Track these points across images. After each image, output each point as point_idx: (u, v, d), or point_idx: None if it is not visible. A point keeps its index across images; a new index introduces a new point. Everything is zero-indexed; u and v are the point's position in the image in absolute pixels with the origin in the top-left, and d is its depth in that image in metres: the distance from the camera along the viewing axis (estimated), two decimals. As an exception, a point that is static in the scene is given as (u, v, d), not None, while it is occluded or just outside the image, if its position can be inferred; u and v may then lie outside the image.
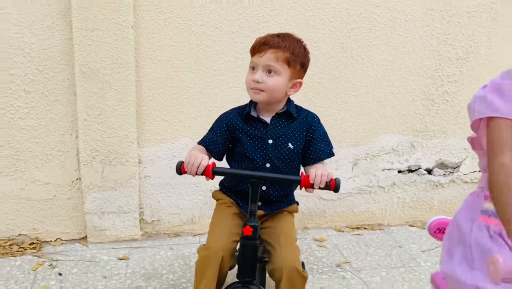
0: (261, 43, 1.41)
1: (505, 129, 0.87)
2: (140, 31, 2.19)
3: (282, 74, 1.43)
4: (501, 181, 0.81)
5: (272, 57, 1.40)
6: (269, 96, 1.44)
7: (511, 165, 0.82)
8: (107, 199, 2.33)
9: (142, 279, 2.08)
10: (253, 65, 1.43)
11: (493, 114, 0.89)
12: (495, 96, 0.89)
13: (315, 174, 1.34)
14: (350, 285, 2.11)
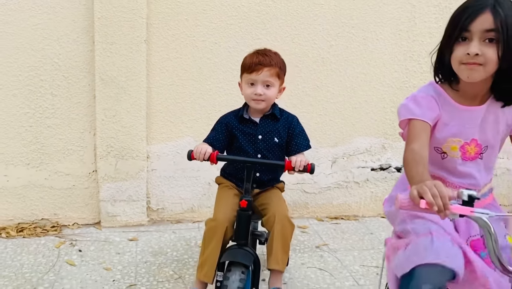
0: (256, 63, 1.78)
1: (418, 126, 1.26)
2: (151, 45, 2.58)
3: (275, 85, 1.83)
4: (409, 159, 1.20)
5: (268, 74, 1.79)
6: (267, 104, 1.84)
7: (417, 149, 1.21)
8: (119, 189, 2.70)
9: (150, 255, 2.45)
10: (252, 82, 1.81)
11: (411, 117, 1.28)
12: (413, 104, 1.29)
13: (295, 159, 1.73)
14: (327, 261, 2.50)
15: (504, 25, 1.14)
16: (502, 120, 1.31)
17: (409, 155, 1.21)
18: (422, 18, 2.96)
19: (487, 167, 1.36)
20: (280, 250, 1.78)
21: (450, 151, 1.32)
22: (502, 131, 1.33)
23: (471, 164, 1.32)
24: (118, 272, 2.26)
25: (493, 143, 1.34)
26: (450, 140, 1.31)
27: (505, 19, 1.14)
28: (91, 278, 2.19)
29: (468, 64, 1.19)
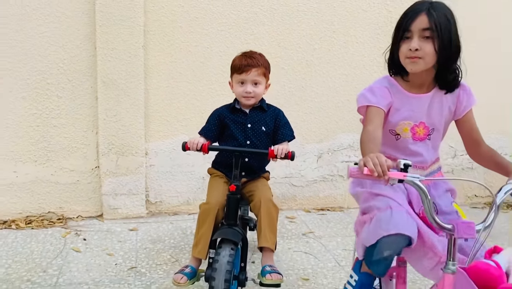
0: (245, 64, 2.01)
1: (373, 112, 1.49)
2: (148, 50, 2.82)
3: (262, 83, 2.06)
4: (364, 138, 1.43)
5: (256, 73, 2.02)
6: (256, 100, 2.07)
7: (371, 130, 1.43)
8: (120, 183, 2.91)
9: (149, 242, 2.66)
10: (242, 81, 2.04)
11: (367, 104, 1.51)
12: (369, 93, 1.52)
13: (277, 148, 1.96)
14: (312, 246, 2.72)
15: (437, 24, 1.39)
16: (445, 106, 1.55)
17: (364, 135, 1.44)
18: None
19: (434, 146, 1.59)
20: (267, 229, 1.99)
21: (402, 132, 1.55)
22: (445, 116, 1.56)
23: (421, 143, 1.55)
24: (120, 257, 2.47)
25: (438, 126, 1.57)
26: (401, 123, 1.54)
27: (438, 19, 1.39)
28: (95, 262, 2.40)
29: (411, 58, 1.43)
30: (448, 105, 1.55)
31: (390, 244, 1.39)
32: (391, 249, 1.40)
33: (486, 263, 1.02)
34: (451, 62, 1.48)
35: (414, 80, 1.54)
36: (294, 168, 3.24)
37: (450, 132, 1.69)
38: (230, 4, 2.90)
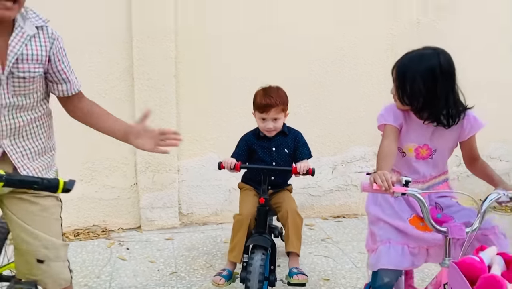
0: (265, 105, 2.30)
1: (388, 129, 1.79)
2: (179, 79, 3.16)
3: (282, 117, 2.37)
4: (379, 155, 1.74)
5: (275, 112, 2.31)
6: (277, 131, 2.38)
7: (387, 144, 1.73)
8: (156, 198, 3.25)
9: (185, 250, 2.99)
10: (264, 118, 2.34)
11: (385, 122, 1.82)
12: (386, 114, 1.81)
13: (300, 165, 2.27)
14: (331, 251, 3.03)
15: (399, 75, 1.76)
16: (448, 134, 1.80)
17: (380, 151, 1.75)
18: (401, 45, 3.49)
19: (436, 164, 1.88)
20: (294, 236, 2.31)
21: (408, 151, 1.85)
22: (448, 141, 1.82)
23: (423, 162, 1.85)
24: (161, 263, 2.80)
25: (441, 148, 1.85)
26: (407, 144, 1.84)
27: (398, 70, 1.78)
28: (140, 268, 2.73)
29: None
30: (451, 133, 1.82)
31: (387, 274, 1.74)
32: (389, 277, 1.76)
33: (472, 258, 1.31)
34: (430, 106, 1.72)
35: None
36: (312, 179, 3.54)
37: None
38: (250, 37, 3.24)
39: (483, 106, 3.42)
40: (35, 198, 1.61)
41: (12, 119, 1.51)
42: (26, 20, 1.48)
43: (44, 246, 1.60)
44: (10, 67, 1.44)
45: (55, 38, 1.55)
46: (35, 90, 1.55)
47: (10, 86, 1.47)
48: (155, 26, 3.02)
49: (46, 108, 1.63)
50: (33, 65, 1.50)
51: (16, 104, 1.50)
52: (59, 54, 1.58)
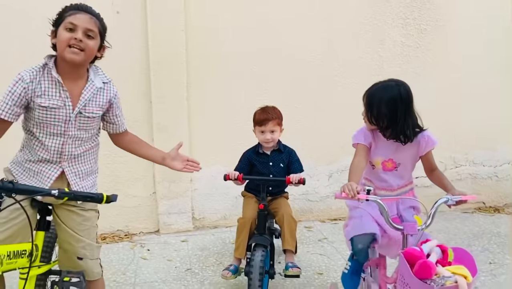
0: (263, 119, 2.75)
1: (359, 148, 2.21)
2: (190, 102, 3.62)
3: (277, 130, 2.80)
4: (350, 169, 2.15)
5: (272, 125, 2.76)
6: (274, 143, 2.82)
7: (357, 161, 2.14)
8: (172, 205, 3.70)
9: (198, 250, 3.42)
10: (262, 130, 2.79)
11: (358, 142, 2.24)
12: (358, 135, 2.23)
13: (292, 176, 2.69)
14: (326, 249, 3.44)
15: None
16: (408, 149, 2.21)
17: (351, 166, 2.17)
18: (388, 64, 3.94)
19: (402, 175, 2.28)
20: (289, 236, 2.72)
21: (376, 164, 2.26)
22: (409, 155, 2.23)
23: (390, 173, 2.26)
24: (178, 261, 3.24)
25: (404, 162, 2.26)
26: (376, 158, 2.26)
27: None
28: (160, 266, 3.17)
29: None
30: (411, 149, 2.24)
31: (360, 240, 2.15)
32: (362, 243, 2.15)
33: (414, 249, 1.71)
34: (392, 126, 2.14)
35: None
36: (310, 186, 3.96)
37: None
38: (251, 60, 3.70)
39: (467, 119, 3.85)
40: (81, 211, 2.05)
41: (73, 148, 1.96)
42: (96, 76, 1.96)
43: (84, 247, 2.05)
44: (79, 108, 1.90)
45: (115, 92, 2.04)
46: (93, 127, 2.00)
47: (77, 123, 1.92)
48: (169, 57, 3.48)
49: (97, 140, 2.08)
50: (96, 108, 1.96)
51: (79, 136, 1.95)
52: (116, 104, 2.06)
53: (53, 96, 1.87)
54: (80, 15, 1.86)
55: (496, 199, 4.37)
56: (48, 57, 1.91)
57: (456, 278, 1.61)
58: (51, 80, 1.87)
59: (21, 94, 1.83)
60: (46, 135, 1.92)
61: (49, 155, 1.95)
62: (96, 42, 1.90)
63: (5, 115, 1.81)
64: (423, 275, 1.63)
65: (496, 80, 4.16)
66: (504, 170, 4.35)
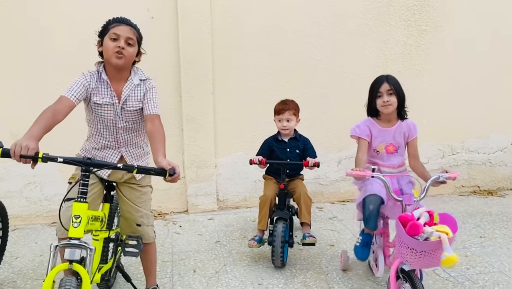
0: (281, 109, 3.22)
1: (361, 142, 2.67)
2: (216, 96, 4.08)
3: (293, 119, 3.26)
4: (356, 162, 2.63)
5: (288, 114, 3.22)
6: (290, 131, 3.28)
7: (360, 156, 2.62)
8: (199, 188, 4.19)
9: (224, 226, 3.91)
10: (280, 119, 3.25)
11: (357, 135, 2.70)
12: (357, 129, 2.69)
13: (309, 160, 3.15)
14: (336, 226, 3.91)
15: (394, 86, 2.59)
16: (402, 133, 2.70)
17: (356, 158, 2.65)
18: (392, 61, 4.37)
19: (400, 156, 2.75)
20: (305, 211, 3.19)
21: (380, 150, 2.72)
22: (403, 138, 2.71)
23: (392, 155, 2.72)
24: (207, 236, 3.73)
25: (401, 144, 2.73)
26: (378, 145, 2.72)
27: (393, 84, 2.59)
28: (192, 239, 3.66)
29: (384, 106, 2.61)
30: (403, 132, 2.71)
31: (371, 200, 2.59)
32: (372, 204, 2.59)
33: (407, 214, 2.18)
34: (403, 105, 2.65)
35: (384, 119, 2.72)
36: (321, 171, 4.43)
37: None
38: (268, 60, 4.15)
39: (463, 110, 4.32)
40: (139, 187, 2.52)
41: (125, 136, 2.43)
42: (136, 75, 2.39)
43: (141, 216, 2.53)
44: (121, 103, 2.35)
45: (151, 86, 2.41)
46: (138, 118, 2.44)
47: (123, 116, 2.37)
48: (197, 57, 3.95)
49: (144, 129, 2.52)
50: (135, 103, 2.36)
51: (127, 127, 2.41)
52: (149, 92, 2.36)
53: (104, 95, 2.29)
54: (122, 26, 2.23)
55: (490, 183, 4.82)
56: (98, 64, 2.33)
57: (439, 234, 2.07)
58: (102, 82, 2.29)
59: (84, 86, 2.23)
60: (103, 127, 2.37)
61: (108, 142, 2.41)
62: (135, 49, 2.29)
63: (70, 96, 2.17)
64: (413, 232, 2.10)
65: (488, 75, 4.59)
66: (497, 156, 4.79)
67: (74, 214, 1.94)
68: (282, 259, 3.04)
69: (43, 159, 1.85)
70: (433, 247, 2.08)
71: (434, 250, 2.09)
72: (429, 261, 2.13)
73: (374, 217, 2.62)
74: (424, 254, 2.10)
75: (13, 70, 3.76)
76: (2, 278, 2.99)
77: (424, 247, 2.08)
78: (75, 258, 1.84)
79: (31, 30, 3.73)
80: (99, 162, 2.07)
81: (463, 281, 2.91)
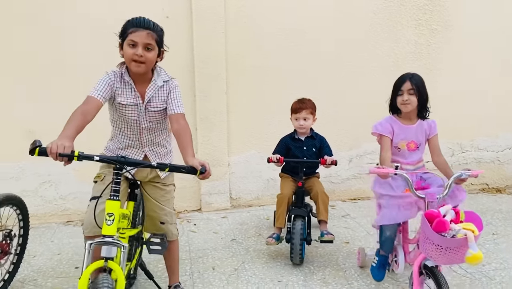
0: (298, 108, 3.25)
1: (384, 139, 2.70)
2: (229, 96, 4.11)
3: (310, 118, 3.30)
4: (380, 158, 2.67)
5: (305, 113, 3.25)
6: (306, 130, 3.31)
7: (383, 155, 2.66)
8: (212, 186, 4.21)
9: (238, 224, 3.94)
10: (297, 118, 3.28)
11: (379, 132, 2.73)
12: (379, 126, 2.72)
13: (327, 158, 3.19)
14: (350, 224, 3.95)
15: (416, 86, 2.61)
16: (423, 131, 2.72)
17: (381, 157, 2.67)
18: (403, 60, 4.41)
19: (420, 153, 2.78)
20: (323, 209, 3.22)
21: (401, 147, 2.75)
22: (424, 136, 2.74)
23: (413, 152, 2.75)
24: (223, 234, 3.76)
25: (422, 141, 2.75)
26: (400, 142, 2.75)
27: (416, 84, 2.61)
28: (208, 237, 3.69)
29: (403, 104, 2.64)
30: (424, 129, 2.74)
31: (388, 228, 2.64)
32: (389, 230, 2.65)
33: (433, 211, 2.21)
34: (425, 105, 2.69)
35: (405, 116, 2.75)
36: (332, 169, 4.42)
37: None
38: (280, 61, 4.18)
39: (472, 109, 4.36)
40: (162, 186, 2.55)
41: (149, 136, 2.45)
42: (159, 76, 2.40)
43: (165, 214, 2.55)
44: (145, 104, 2.37)
45: (174, 85, 2.42)
46: (161, 118, 2.46)
47: (147, 116, 2.39)
48: (211, 57, 3.97)
49: (168, 127, 2.55)
50: (159, 103, 2.38)
51: (151, 127, 2.43)
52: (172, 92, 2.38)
53: (128, 96, 2.31)
54: (139, 32, 2.18)
55: (498, 180, 4.87)
56: (120, 65, 2.33)
57: (465, 231, 2.11)
58: (125, 83, 2.30)
59: (109, 84, 2.25)
60: (126, 127, 2.40)
61: (131, 142, 2.44)
62: (155, 53, 2.27)
63: (97, 96, 2.19)
64: (439, 229, 2.13)
65: (498, 74, 4.64)
66: (506, 154, 4.84)
67: (108, 212, 1.96)
68: (301, 256, 3.08)
69: (79, 157, 1.87)
70: (459, 244, 2.11)
71: (459, 247, 2.12)
72: (453, 258, 2.16)
73: (390, 242, 2.70)
74: (449, 250, 2.13)
75: (29, 71, 3.77)
76: (22, 276, 3.01)
77: (450, 244, 2.11)
78: (112, 256, 1.87)
79: (48, 30, 3.74)
80: (133, 161, 2.10)
81: (480, 278, 2.95)
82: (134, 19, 2.26)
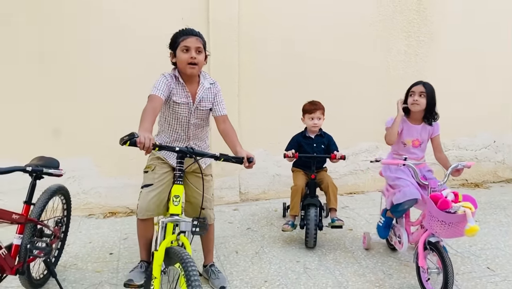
0: (313, 109, 3.67)
1: (389, 130, 3.16)
2: (240, 98, 4.48)
3: (322, 118, 3.72)
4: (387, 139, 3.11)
5: (319, 113, 3.68)
6: (318, 128, 3.72)
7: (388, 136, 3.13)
8: (224, 181, 4.57)
9: (249, 215, 4.31)
10: (312, 117, 3.69)
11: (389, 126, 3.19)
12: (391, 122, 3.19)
13: (336, 153, 3.61)
14: (350, 214, 4.39)
15: (427, 90, 3.06)
16: (427, 131, 3.17)
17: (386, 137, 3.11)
18: (394, 68, 4.91)
19: (423, 150, 3.24)
20: (333, 198, 3.63)
21: (407, 143, 3.20)
22: (427, 135, 3.19)
23: (417, 148, 3.21)
24: (237, 223, 4.12)
25: (425, 140, 3.21)
26: (406, 138, 3.20)
27: (427, 88, 3.06)
28: (224, 226, 4.04)
29: (413, 104, 3.09)
30: (428, 129, 3.20)
31: (409, 202, 3.02)
32: (409, 205, 3.04)
33: (437, 193, 2.66)
34: (432, 110, 3.14)
35: (413, 117, 3.20)
36: (330, 166, 4.89)
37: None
38: (287, 66, 4.59)
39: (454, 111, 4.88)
40: (204, 176, 2.90)
41: (195, 131, 2.81)
42: (205, 79, 2.78)
43: (205, 200, 2.89)
44: (196, 104, 2.73)
45: (218, 89, 2.82)
46: (206, 116, 2.83)
47: (195, 114, 2.75)
48: (225, 61, 4.34)
49: (209, 125, 2.92)
50: (207, 103, 2.77)
51: (197, 123, 2.79)
52: (218, 96, 2.81)
53: (181, 95, 2.66)
54: (190, 38, 2.54)
55: (476, 176, 5.43)
56: (173, 69, 2.68)
57: (464, 209, 2.57)
58: (178, 84, 2.65)
59: (167, 84, 2.58)
60: (176, 123, 2.75)
61: (179, 136, 2.79)
62: (203, 55, 2.64)
63: (160, 94, 2.51)
64: (443, 207, 2.58)
65: (476, 81, 5.21)
66: (482, 153, 5.41)
67: (174, 194, 2.30)
68: (315, 240, 3.48)
69: (160, 148, 2.21)
70: (460, 220, 2.56)
71: (459, 222, 2.57)
72: (454, 232, 2.61)
73: (404, 212, 3.09)
74: (452, 225, 2.59)
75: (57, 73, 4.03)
76: (62, 261, 3.28)
77: (453, 219, 2.57)
78: (188, 229, 2.20)
79: (78, 38, 4.02)
80: (200, 152, 2.43)
81: (468, 256, 3.43)
82: (182, 29, 2.62)
